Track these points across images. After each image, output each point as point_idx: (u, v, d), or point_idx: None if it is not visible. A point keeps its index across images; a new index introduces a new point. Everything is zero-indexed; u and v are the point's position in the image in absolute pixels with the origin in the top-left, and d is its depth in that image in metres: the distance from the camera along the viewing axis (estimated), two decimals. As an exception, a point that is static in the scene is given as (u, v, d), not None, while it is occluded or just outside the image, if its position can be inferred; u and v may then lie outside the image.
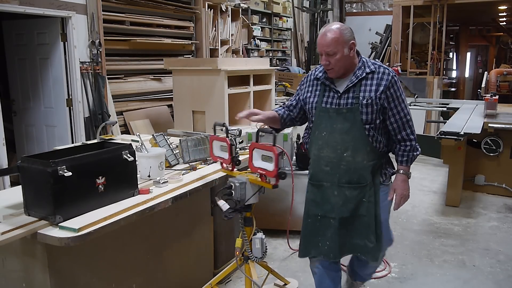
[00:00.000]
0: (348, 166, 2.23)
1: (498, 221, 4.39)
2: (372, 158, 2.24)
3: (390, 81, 2.19)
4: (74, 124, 4.91)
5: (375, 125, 2.21)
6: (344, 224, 2.30)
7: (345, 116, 2.20)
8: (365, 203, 2.26)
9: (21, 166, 1.87)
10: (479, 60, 15.74)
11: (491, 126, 4.79)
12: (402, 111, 2.24)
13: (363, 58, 2.26)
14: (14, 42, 5.06)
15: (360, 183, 2.24)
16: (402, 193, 2.34)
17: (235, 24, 7.77)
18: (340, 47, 2.13)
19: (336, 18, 14.55)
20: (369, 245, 2.29)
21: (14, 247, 1.95)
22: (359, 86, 2.20)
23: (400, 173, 2.34)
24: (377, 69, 2.22)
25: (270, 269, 2.69)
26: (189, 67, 4.50)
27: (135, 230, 2.37)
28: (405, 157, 2.31)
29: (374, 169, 2.27)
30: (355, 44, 2.18)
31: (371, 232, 2.27)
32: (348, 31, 2.17)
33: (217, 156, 2.39)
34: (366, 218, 2.27)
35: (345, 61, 2.18)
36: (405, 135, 2.27)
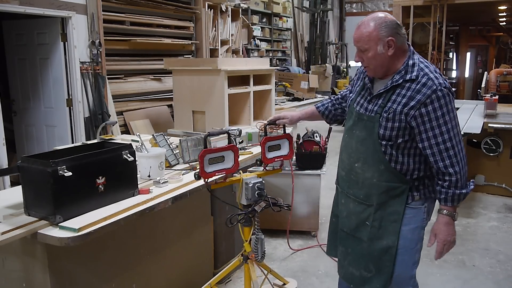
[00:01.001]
0: (357, 178, 2.00)
1: (498, 221, 4.39)
2: (388, 179, 1.91)
3: (428, 96, 1.77)
4: (74, 124, 4.91)
5: (395, 144, 1.87)
6: (344, 241, 2.11)
7: (365, 124, 1.93)
8: (367, 227, 1.97)
9: (21, 166, 1.87)
10: (479, 60, 15.75)
11: (491, 126, 4.79)
12: (441, 136, 1.79)
13: (413, 60, 1.88)
14: (14, 42, 5.06)
15: (365, 201, 1.97)
16: (445, 239, 1.91)
17: (235, 24, 7.77)
18: (373, 43, 1.82)
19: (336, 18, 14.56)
20: (366, 276, 2.01)
21: (14, 247, 1.95)
22: (391, 93, 1.86)
23: (443, 213, 1.90)
24: (421, 77, 1.81)
25: (269, 269, 2.69)
26: (189, 67, 4.50)
27: (135, 230, 2.37)
28: (443, 194, 1.87)
29: (389, 192, 1.92)
30: (394, 41, 1.81)
31: (370, 261, 1.99)
32: (387, 26, 1.81)
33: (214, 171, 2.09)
34: (365, 244, 1.99)
35: (382, 60, 1.85)
36: (442, 167, 1.82)
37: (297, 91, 9.68)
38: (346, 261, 2.10)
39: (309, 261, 3.52)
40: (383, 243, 1.96)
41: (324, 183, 3.92)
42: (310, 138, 3.75)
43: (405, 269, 2.00)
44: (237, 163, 2.19)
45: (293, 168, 3.63)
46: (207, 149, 2.06)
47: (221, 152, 2.12)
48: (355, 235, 2.04)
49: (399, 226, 1.94)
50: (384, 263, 1.97)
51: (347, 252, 2.10)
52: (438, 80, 1.80)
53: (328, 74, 11.75)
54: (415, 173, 1.91)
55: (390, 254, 1.96)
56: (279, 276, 2.83)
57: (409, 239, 1.96)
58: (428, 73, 1.83)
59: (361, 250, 2.02)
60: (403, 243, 1.96)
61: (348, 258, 2.09)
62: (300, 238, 3.89)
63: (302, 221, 3.87)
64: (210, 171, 2.07)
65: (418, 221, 1.98)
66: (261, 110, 5.05)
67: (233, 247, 3.29)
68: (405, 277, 2.02)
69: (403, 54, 1.88)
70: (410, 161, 1.90)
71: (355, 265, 2.05)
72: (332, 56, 14.30)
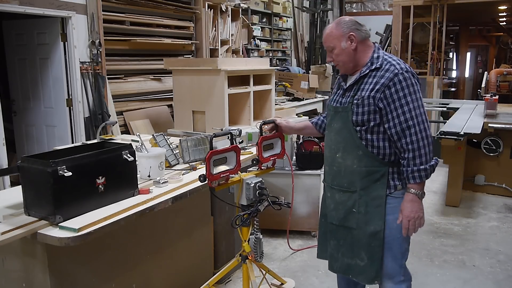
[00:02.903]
0: (339, 168, 2.09)
1: (498, 221, 4.39)
2: (366, 164, 2.01)
3: (391, 79, 1.92)
4: (74, 124, 4.91)
5: (369, 129, 1.99)
6: (334, 233, 2.16)
7: (340, 116, 2.06)
8: (355, 214, 2.05)
9: (21, 166, 1.87)
10: (479, 60, 15.74)
11: (491, 126, 4.79)
12: (403, 115, 1.91)
13: (378, 54, 2.04)
14: (14, 42, 5.06)
15: (349, 188, 2.06)
16: (409, 215, 1.97)
17: (235, 24, 7.77)
18: (336, 41, 2.01)
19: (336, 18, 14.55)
20: (360, 264, 2.07)
21: (14, 247, 1.95)
22: (360, 83, 2.02)
23: (408, 191, 1.97)
24: (384, 65, 1.97)
25: (268, 269, 2.69)
26: (189, 67, 4.50)
27: (135, 230, 2.37)
28: (404, 172, 1.96)
29: (370, 176, 2.02)
30: (355, 36, 1.99)
31: (362, 249, 2.05)
32: (346, 23, 2.00)
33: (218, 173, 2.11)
34: (355, 231, 2.06)
35: (348, 55, 2.02)
36: (403, 144, 1.93)
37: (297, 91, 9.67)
38: (340, 253, 2.14)
39: (309, 261, 3.52)
40: (371, 228, 2.04)
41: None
42: (310, 138, 3.75)
43: (394, 258, 2.07)
44: (239, 163, 2.19)
45: (293, 168, 3.63)
46: (213, 151, 2.06)
47: (225, 153, 2.13)
48: (344, 224, 2.11)
49: (383, 211, 2.02)
50: (374, 249, 2.04)
51: (339, 244, 2.15)
52: (399, 65, 1.96)
53: (328, 74, 11.75)
54: (392, 157, 2.01)
55: (379, 239, 2.03)
56: (277, 276, 2.83)
57: (394, 228, 2.03)
58: (391, 61, 1.99)
59: (352, 238, 2.09)
60: (389, 233, 2.03)
61: (341, 250, 2.14)
62: (300, 238, 3.90)
63: (302, 221, 3.87)
64: (215, 173, 2.09)
65: None
66: (261, 110, 5.05)
67: (233, 247, 3.29)
68: (394, 266, 2.08)
69: (368, 49, 2.06)
70: (385, 144, 2.00)
71: (348, 254, 2.11)
72: (332, 56, 14.27)
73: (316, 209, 3.85)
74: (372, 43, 2.09)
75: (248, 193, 2.21)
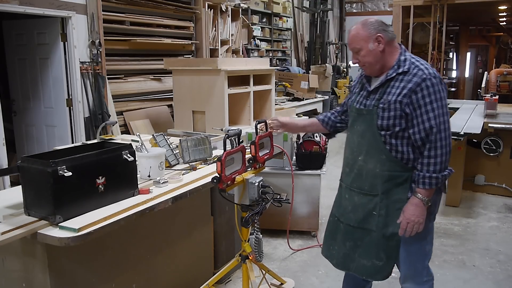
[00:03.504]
0: (360, 171, 2.08)
1: (498, 221, 4.39)
2: (389, 169, 2.00)
3: (418, 84, 1.90)
4: (74, 124, 4.91)
5: (394, 133, 1.97)
6: (351, 235, 2.15)
7: (364, 118, 2.04)
8: (375, 216, 2.05)
9: (21, 166, 1.87)
10: (479, 60, 15.74)
11: (491, 126, 4.79)
12: (429, 121, 1.90)
13: (404, 56, 2.01)
14: (14, 42, 5.06)
15: (370, 192, 2.06)
16: (409, 218, 1.97)
17: (235, 24, 7.77)
18: (363, 42, 1.97)
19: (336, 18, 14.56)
20: (378, 264, 2.08)
21: (14, 247, 1.95)
22: (386, 87, 1.99)
23: (415, 195, 1.97)
24: (412, 69, 1.94)
25: (267, 269, 2.69)
26: (189, 67, 4.50)
27: (135, 230, 2.37)
28: (416, 176, 1.95)
29: (392, 181, 2.00)
30: (382, 37, 1.96)
31: (381, 249, 2.06)
32: (373, 24, 1.97)
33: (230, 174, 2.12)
34: (375, 234, 2.07)
35: (375, 57, 1.98)
36: (423, 150, 1.93)
37: (297, 91, 9.67)
38: (357, 253, 2.14)
39: (309, 261, 3.52)
40: (390, 230, 2.04)
41: (324, 183, 3.92)
42: (310, 138, 3.75)
43: (417, 260, 2.10)
44: (245, 163, 2.21)
45: (293, 168, 3.63)
46: (228, 151, 2.06)
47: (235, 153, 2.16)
48: (363, 227, 2.10)
49: None
50: (392, 248, 2.06)
51: (356, 245, 2.14)
52: (428, 70, 1.93)
53: (328, 74, 11.75)
54: (416, 163, 1.98)
55: (397, 240, 2.04)
56: (277, 276, 2.83)
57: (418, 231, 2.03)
58: (418, 65, 1.96)
59: (371, 240, 2.09)
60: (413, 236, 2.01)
61: (358, 251, 2.14)
62: (300, 238, 3.89)
63: (302, 221, 3.87)
64: (228, 174, 2.10)
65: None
66: (261, 110, 5.05)
67: (233, 247, 3.29)
68: (417, 268, 2.11)
69: (394, 51, 2.03)
70: (409, 149, 1.98)
71: (366, 256, 2.11)
72: (332, 56, 14.30)
73: (316, 209, 3.85)
74: (398, 44, 2.05)
75: (252, 193, 2.22)
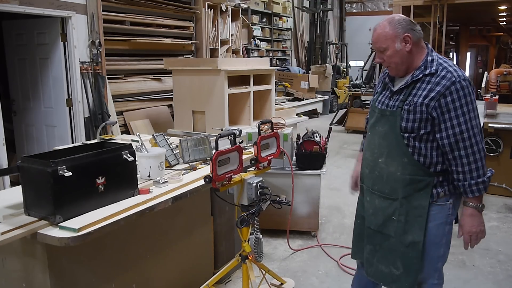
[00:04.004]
0: (381, 174, 2.02)
1: (498, 221, 4.39)
2: (411, 173, 1.93)
3: (447, 87, 1.81)
4: (74, 124, 4.91)
5: (418, 136, 1.90)
6: (372, 239, 2.11)
7: (387, 119, 1.97)
8: (394, 222, 1.99)
9: (21, 166, 1.87)
10: (479, 60, 15.75)
11: (491, 126, 4.79)
12: (459, 126, 1.82)
13: (432, 56, 1.93)
14: (14, 42, 5.06)
15: (390, 196, 2.00)
16: (470, 230, 1.92)
17: (235, 24, 7.78)
18: (390, 41, 1.89)
19: (336, 18, 14.56)
20: (395, 273, 2.02)
21: (14, 247, 1.95)
22: (412, 88, 1.91)
23: (467, 205, 1.91)
24: (440, 71, 1.86)
25: (267, 269, 2.69)
26: (189, 67, 4.50)
27: (135, 230, 2.37)
28: (460, 186, 1.89)
29: (413, 185, 1.94)
30: (410, 37, 1.88)
31: (397, 258, 2.01)
32: (401, 23, 1.89)
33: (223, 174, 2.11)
34: (393, 239, 2.01)
35: (401, 57, 1.91)
36: (458, 157, 1.85)
37: (297, 91, 9.68)
38: (375, 258, 2.10)
39: (309, 261, 3.52)
40: (409, 238, 1.97)
41: (324, 183, 3.92)
42: (310, 138, 3.74)
43: (430, 262, 2.03)
44: (242, 163, 2.20)
45: (293, 168, 3.63)
46: (220, 151, 2.05)
47: (229, 153, 2.13)
48: (382, 231, 2.05)
49: (424, 221, 1.95)
50: (412, 260, 1.98)
51: (375, 250, 2.10)
52: (457, 73, 1.85)
53: (328, 74, 11.75)
54: (439, 166, 1.93)
55: (417, 250, 1.97)
56: (277, 276, 2.83)
57: (434, 234, 1.99)
58: (447, 67, 1.87)
59: (389, 246, 2.03)
60: (428, 238, 1.98)
61: (376, 255, 2.09)
62: (300, 238, 3.89)
63: (302, 221, 3.87)
64: (221, 174, 2.08)
65: (443, 217, 1.99)
66: (261, 110, 5.05)
67: (233, 247, 3.29)
68: (429, 270, 2.04)
69: (421, 51, 1.94)
70: (433, 153, 1.92)
71: (384, 262, 2.06)
72: (332, 56, 14.30)
73: (316, 209, 3.85)
74: (425, 43, 1.98)
75: (249, 193, 2.21)
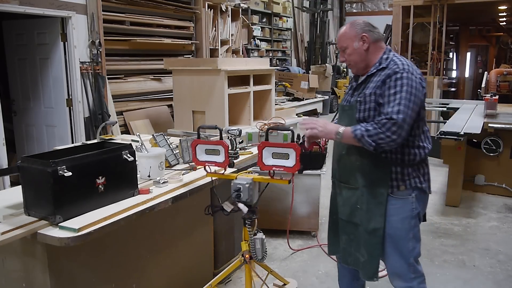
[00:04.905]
0: (345, 165, 2.17)
1: (498, 221, 4.39)
2: (369, 162, 2.06)
3: (389, 75, 1.97)
4: (74, 124, 4.91)
5: None
6: (345, 229, 2.22)
7: (347, 113, 2.13)
8: (358, 210, 2.12)
9: (21, 166, 1.87)
10: (479, 60, 15.74)
11: (491, 126, 4.79)
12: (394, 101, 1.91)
13: (388, 55, 2.08)
14: (14, 42, 5.06)
15: (353, 185, 2.13)
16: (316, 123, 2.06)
17: (235, 24, 7.77)
18: (349, 41, 2.08)
19: (336, 18, 14.56)
20: (361, 260, 2.15)
21: (14, 247, 1.95)
22: (367, 82, 2.08)
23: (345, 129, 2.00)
24: (390, 65, 2.02)
25: (270, 270, 2.69)
26: (189, 67, 4.50)
27: (135, 230, 2.37)
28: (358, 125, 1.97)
29: (372, 174, 2.06)
30: (367, 36, 2.05)
31: (362, 245, 2.14)
32: (360, 25, 2.08)
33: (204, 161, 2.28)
34: (360, 227, 2.13)
35: (360, 56, 2.08)
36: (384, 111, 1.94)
37: (297, 91, 9.68)
38: (352, 248, 2.20)
39: (309, 261, 3.52)
40: (371, 225, 2.08)
41: (324, 183, 3.91)
42: (310, 138, 3.74)
43: (401, 257, 2.11)
44: (227, 159, 2.24)
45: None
46: (197, 140, 2.27)
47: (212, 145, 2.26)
48: (352, 220, 2.17)
49: (384, 208, 2.05)
50: (374, 246, 2.09)
51: (350, 239, 2.21)
52: (403, 66, 1.98)
53: (328, 74, 11.75)
54: (394, 155, 2.03)
55: (378, 236, 2.07)
56: (279, 277, 2.83)
57: (399, 228, 2.08)
58: (396, 62, 2.02)
59: (358, 234, 2.16)
60: (393, 233, 2.07)
61: (353, 245, 2.20)
62: (300, 238, 3.89)
63: (302, 221, 3.87)
64: (202, 160, 2.29)
65: (407, 211, 2.08)
66: (261, 110, 5.05)
67: (233, 247, 3.29)
68: (402, 265, 2.12)
69: (379, 50, 2.10)
70: None
71: (358, 249, 2.17)
72: (332, 56, 14.30)
73: (316, 209, 3.85)
74: (384, 45, 2.13)
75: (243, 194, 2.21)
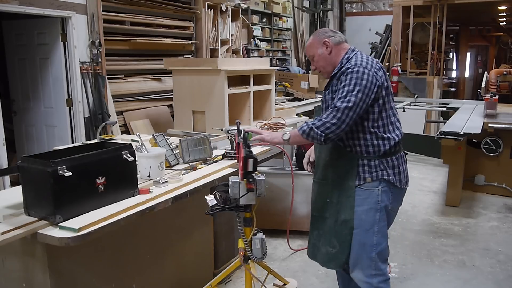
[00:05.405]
0: (318, 162, 2.31)
1: (498, 221, 4.39)
2: (337, 157, 2.18)
3: (343, 73, 2.08)
4: (74, 124, 4.90)
5: None
6: (316, 224, 2.32)
7: (318, 113, 2.26)
8: (329, 204, 2.22)
9: (21, 166, 1.87)
10: (479, 60, 15.74)
11: (491, 126, 4.79)
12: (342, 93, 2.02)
13: (349, 55, 2.17)
14: (14, 42, 5.06)
15: (324, 180, 2.26)
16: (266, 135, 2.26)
17: (235, 24, 7.77)
18: (315, 49, 2.22)
19: (336, 18, 14.55)
20: (331, 251, 2.22)
21: (14, 247, 1.95)
22: (331, 84, 2.20)
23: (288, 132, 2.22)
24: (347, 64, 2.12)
25: (270, 269, 2.69)
26: (189, 67, 4.50)
27: (135, 230, 2.37)
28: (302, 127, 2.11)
29: (340, 168, 2.17)
30: (329, 41, 2.18)
31: (333, 236, 2.20)
32: (320, 32, 2.22)
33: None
34: (329, 220, 2.22)
35: (325, 60, 2.21)
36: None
37: (297, 91, 9.66)
38: (320, 242, 2.29)
39: (309, 261, 3.48)
40: (342, 217, 2.17)
41: (324, 183, 3.93)
42: (310, 138, 3.74)
43: (363, 249, 2.15)
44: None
45: (293, 168, 3.63)
46: None
47: None
48: (323, 215, 2.26)
49: (353, 201, 2.13)
50: (345, 236, 2.16)
51: (319, 234, 2.30)
52: (356, 62, 2.07)
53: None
54: (358, 148, 2.12)
55: (349, 227, 2.15)
56: (279, 277, 2.83)
57: (364, 220, 2.13)
58: (352, 60, 2.11)
59: (327, 228, 2.24)
60: (358, 223, 2.14)
61: (321, 240, 2.28)
62: (300, 238, 3.89)
63: (302, 221, 3.87)
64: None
65: (372, 203, 2.12)
66: (261, 110, 5.05)
67: (233, 247, 3.29)
68: (363, 257, 2.15)
69: (342, 51, 2.20)
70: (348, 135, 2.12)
71: (325, 243, 2.25)
72: (332, 56, 14.26)
73: (316, 209, 3.85)
74: (347, 46, 2.22)
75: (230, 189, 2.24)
